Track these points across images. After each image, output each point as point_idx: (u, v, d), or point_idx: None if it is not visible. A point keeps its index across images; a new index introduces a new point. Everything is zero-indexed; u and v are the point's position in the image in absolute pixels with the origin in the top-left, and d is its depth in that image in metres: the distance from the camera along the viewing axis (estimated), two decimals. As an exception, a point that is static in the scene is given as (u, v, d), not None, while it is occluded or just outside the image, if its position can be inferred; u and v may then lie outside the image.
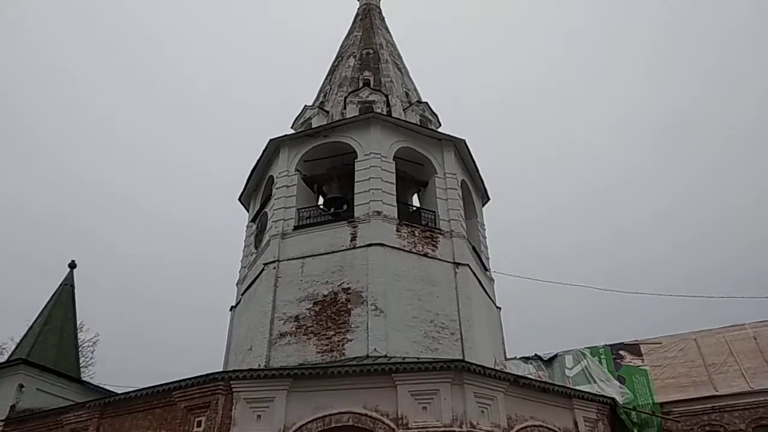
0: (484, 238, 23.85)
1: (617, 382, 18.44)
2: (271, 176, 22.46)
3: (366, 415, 14.12)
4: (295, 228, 20.43)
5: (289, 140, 22.46)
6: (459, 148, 22.69)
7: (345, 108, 24.18)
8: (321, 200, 23.19)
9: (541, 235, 63.46)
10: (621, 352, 19.67)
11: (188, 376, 14.83)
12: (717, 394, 17.32)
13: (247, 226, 23.75)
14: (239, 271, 22.72)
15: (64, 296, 21.90)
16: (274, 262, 19.58)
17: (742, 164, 62.13)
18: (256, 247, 21.89)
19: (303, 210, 21.16)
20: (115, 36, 78.78)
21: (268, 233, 20.79)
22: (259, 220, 22.56)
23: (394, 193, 20.64)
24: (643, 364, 19.01)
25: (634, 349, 19.77)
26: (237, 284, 22.45)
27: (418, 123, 23.71)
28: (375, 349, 17.06)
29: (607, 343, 20.17)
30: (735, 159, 62.61)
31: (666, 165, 66.01)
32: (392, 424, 13.93)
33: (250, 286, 20.71)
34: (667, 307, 36.66)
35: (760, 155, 60.94)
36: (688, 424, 17.05)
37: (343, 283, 18.70)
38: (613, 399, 17.11)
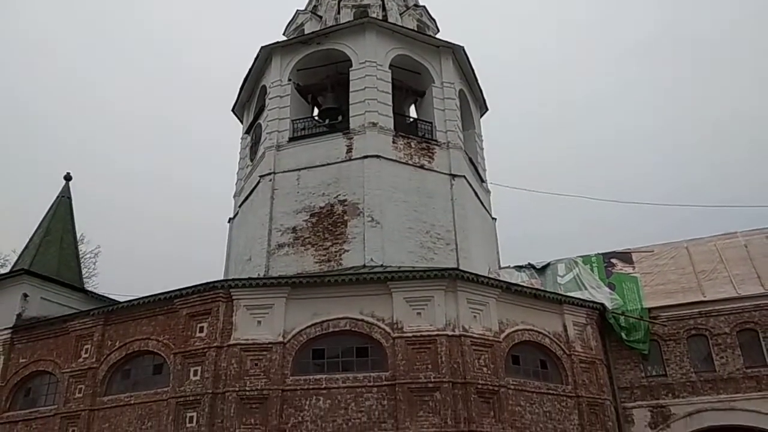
0: (482, 149, 23.68)
1: (607, 289, 18.96)
2: (264, 86, 21.94)
3: (362, 320, 14.59)
4: (290, 140, 20.20)
5: (281, 48, 21.74)
6: (458, 55, 22.02)
7: (339, 13, 23.25)
8: (316, 111, 22.78)
9: (538, 147, 63.13)
10: (613, 260, 20.07)
11: (189, 285, 15.19)
12: (704, 299, 17.78)
13: (242, 138, 23.49)
14: (236, 183, 22.73)
15: (62, 208, 21.98)
16: (269, 174, 19.53)
17: (736, 74, 60.64)
18: (252, 160, 21.76)
19: (297, 121, 20.83)
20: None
21: (262, 145, 20.59)
22: (253, 132, 22.27)
23: (391, 103, 20.25)
24: (634, 272, 19.44)
25: (625, 257, 20.15)
26: (234, 196, 22.51)
27: (415, 29, 22.87)
28: (371, 260, 17.37)
29: (600, 252, 20.55)
30: (730, 69, 60.96)
31: (663, 72, 64.41)
32: (388, 329, 14.43)
33: (246, 198, 20.77)
34: (661, 217, 37.06)
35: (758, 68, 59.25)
36: (674, 328, 17.65)
37: (339, 195, 18.75)
38: (602, 304, 17.66)
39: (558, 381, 15.71)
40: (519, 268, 21.08)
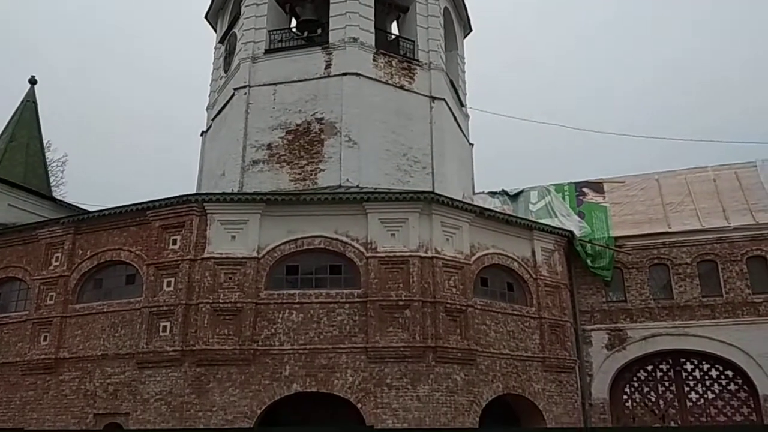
0: (463, 72, 23.25)
1: (577, 217, 19.38)
2: (240, -8, 20.86)
3: (337, 239, 14.73)
4: (266, 52, 19.48)
5: (257, -49, 20.49)
6: (443, -30, 21.14)
7: None
8: (294, 23, 21.85)
9: (517, 72, 62.24)
10: (584, 190, 20.42)
11: (162, 197, 15.02)
12: (669, 230, 18.34)
13: (215, 48, 22.57)
14: (208, 95, 22.04)
15: (27, 113, 21.17)
16: (244, 87, 18.95)
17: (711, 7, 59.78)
18: (225, 71, 21.01)
19: (274, 32, 20.02)
20: None
21: (237, 56, 19.84)
22: (227, 42, 21.37)
23: (372, 18, 19.52)
24: (604, 201, 19.84)
25: (597, 187, 20.51)
26: (207, 109, 21.89)
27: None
28: (347, 180, 17.31)
29: (573, 181, 20.84)
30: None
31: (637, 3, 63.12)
32: (361, 248, 14.62)
33: (220, 111, 20.23)
34: (636, 148, 37.60)
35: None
36: (638, 257, 18.28)
37: (317, 112, 18.38)
38: (570, 232, 18.10)
39: (523, 303, 16.30)
40: (493, 194, 21.33)
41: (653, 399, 17.69)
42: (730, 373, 17.32)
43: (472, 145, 22.67)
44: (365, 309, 14.16)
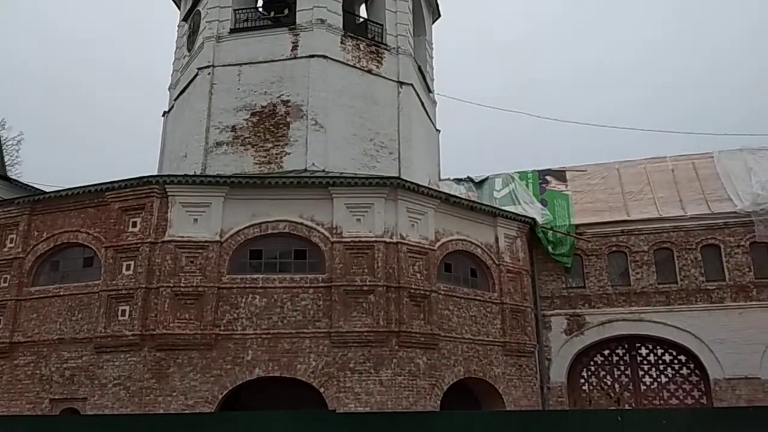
0: (431, 57, 23.22)
1: (540, 205, 19.67)
2: (205, -31, 20.30)
3: (302, 223, 14.64)
4: (232, 31, 19.09)
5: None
6: (412, -47, 20.97)
7: None
8: (260, 2, 21.45)
9: (484, 59, 62.46)
10: (547, 177, 20.74)
11: (122, 178, 14.66)
12: (628, 219, 18.81)
13: (179, 26, 22.00)
14: (171, 75, 21.51)
15: (-22, 89, 20.27)
16: (208, 67, 18.55)
17: None
18: (189, 50, 20.52)
19: (240, 11, 19.60)
20: None
21: (201, 35, 19.38)
22: (191, 20, 20.84)
23: (341, 0, 19.29)
24: (566, 189, 20.19)
25: (560, 175, 20.84)
26: (169, 89, 21.38)
27: None
28: (313, 164, 17.18)
29: (536, 169, 21.13)
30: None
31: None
32: (327, 233, 14.56)
33: (183, 91, 19.78)
34: (601, 138, 38.28)
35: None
36: (598, 244, 18.70)
37: (283, 95, 18.13)
38: (533, 219, 18.40)
39: (485, 288, 16.52)
40: (458, 180, 21.48)
41: (609, 383, 18.22)
42: (682, 358, 17.95)
43: (439, 131, 22.75)
44: (329, 294, 14.15)
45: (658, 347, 18.24)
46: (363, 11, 22.75)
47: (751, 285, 17.51)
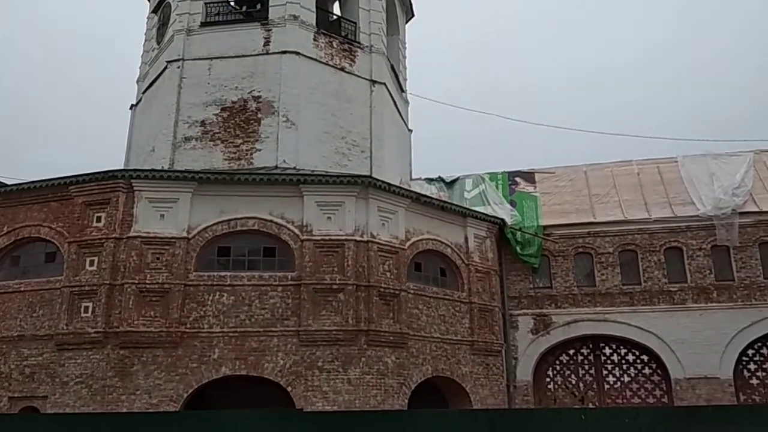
0: (404, 57, 23.27)
1: (509, 206, 19.91)
2: (176, -39, 19.97)
3: (272, 221, 14.52)
4: (202, 24, 18.80)
5: None
6: (387, -48, 20.97)
7: None
8: (233, -4, 21.16)
9: (457, 60, 62.85)
10: (517, 179, 21.01)
11: (86, 172, 14.32)
12: (594, 221, 19.17)
13: (148, 18, 21.56)
14: (140, 67, 21.10)
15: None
16: (178, 60, 18.24)
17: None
18: (158, 43, 20.14)
19: (211, 5, 19.30)
20: None
21: (171, 27, 19.04)
22: (161, 12, 20.45)
23: (314, -5, 19.17)
24: (534, 191, 20.49)
25: (529, 177, 21.13)
26: (137, 81, 20.96)
27: None
28: (284, 161, 17.03)
29: (506, 170, 21.36)
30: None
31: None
32: (297, 231, 14.48)
33: (152, 84, 19.41)
34: (575, 140, 39.06)
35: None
36: (565, 245, 19.00)
37: (254, 90, 17.94)
38: (502, 220, 18.60)
39: (455, 288, 16.64)
40: (429, 180, 21.60)
41: (574, 381, 18.54)
42: (645, 358, 18.36)
43: (411, 131, 22.80)
44: (299, 292, 14.06)
45: (621, 347, 18.63)
46: (337, 9, 22.66)
47: (711, 287, 18.01)
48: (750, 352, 17.84)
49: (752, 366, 17.86)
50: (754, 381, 17.78)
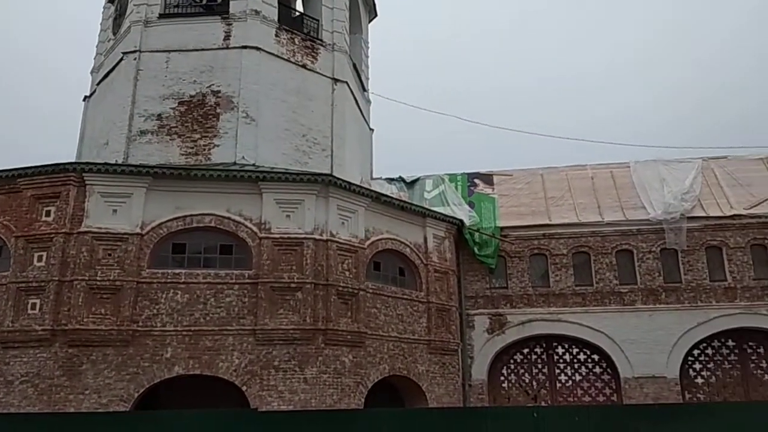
0: (367, 57, 23.27)
1: (468, 207, 20.16)
2: (134, -50, 19.45)
3: (229, 218, 14.31)
4: (161, 16, 18.37)
5: None
6: (351, -50, 20.92)
7: None
8: (193, -12, 20.75)
9: (421, 61, 63.22)
10: (476, 181, 21.28)
11: (35, 164, 13.83)
12: (549, 223, 19.57)
13: (104, 7, 20.98)
14: (94, 58, 20.49)
15: None
16: (134, 52, 17.78)
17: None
18: (114, 33, 19.60)
19: (171, -4, 18.90)
20: None
21: (128, 18, 18.54)
22: (118, 2, 19.93)
23: (277, -9, 18.97)
24: (492, 193, 20.80)
25: (487, 179, 21.44)
26: (91, 72, 20.36)
27: None
28: (243, 157, 16.80)
29: (466, 172, 21.62)
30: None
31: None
32: (255, 228, 14.31)
33: (107, 75, 18.89)
34: (536, 144, 39.84)
35: None
36: (521, 246, 19.34)
37: (213, 85, 17.63)
38: (461, 220, 18.80)
39: (413, 287, 16.74)
40: (390, 180, 21.68)
41: (527, 380, 18.90)
42: (596, 357, 18.85)
43: (372, 130, 22.83)
44: (256, 291, 13.90)
45: (573, 346, 19.08)
46: (300, 5, 22.47)
47: (660, 289, 18.61)
48: (696, 352, 18.52)
49: (697, 365, 18.56)
50: (699, 380, 18.48)
